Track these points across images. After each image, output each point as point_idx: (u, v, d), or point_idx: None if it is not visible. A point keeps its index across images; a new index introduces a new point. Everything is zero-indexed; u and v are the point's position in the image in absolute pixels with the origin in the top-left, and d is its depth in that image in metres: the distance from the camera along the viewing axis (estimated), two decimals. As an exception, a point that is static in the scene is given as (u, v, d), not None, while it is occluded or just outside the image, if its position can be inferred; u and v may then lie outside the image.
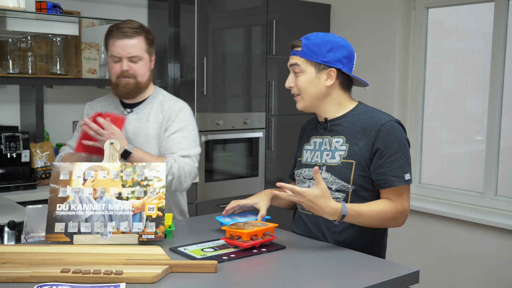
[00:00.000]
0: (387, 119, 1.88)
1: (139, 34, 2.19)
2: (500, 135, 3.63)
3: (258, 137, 4.06)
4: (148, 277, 1.46)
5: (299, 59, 1.89)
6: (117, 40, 2.17)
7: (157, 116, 2.28)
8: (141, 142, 2.25)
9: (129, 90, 2.23)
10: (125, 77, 2.20)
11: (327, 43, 1.87)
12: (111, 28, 2.21)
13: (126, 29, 2.17)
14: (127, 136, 2.25)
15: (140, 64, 2.21)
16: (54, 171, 1.83)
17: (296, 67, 1.90)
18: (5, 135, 3.09)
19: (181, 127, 2.26)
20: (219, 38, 3.85)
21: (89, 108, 2.40)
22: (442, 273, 3.79)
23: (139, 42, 2.20)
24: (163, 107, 2.29)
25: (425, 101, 4.09)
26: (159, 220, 1.77)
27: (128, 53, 2.18)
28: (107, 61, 2.27)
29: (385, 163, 1.83)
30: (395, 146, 1.84)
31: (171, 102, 2.32)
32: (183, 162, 2.19)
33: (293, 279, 1.52)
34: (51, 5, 2.44)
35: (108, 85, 3.53)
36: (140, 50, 2.20)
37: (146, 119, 2.28)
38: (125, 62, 2.18)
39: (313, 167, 1.94)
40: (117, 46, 2.17)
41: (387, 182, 1.84)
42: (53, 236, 1.74)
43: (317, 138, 1.99)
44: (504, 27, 3.57)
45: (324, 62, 1.88)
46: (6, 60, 3.16)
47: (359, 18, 4.25)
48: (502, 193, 3.64)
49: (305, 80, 1.90)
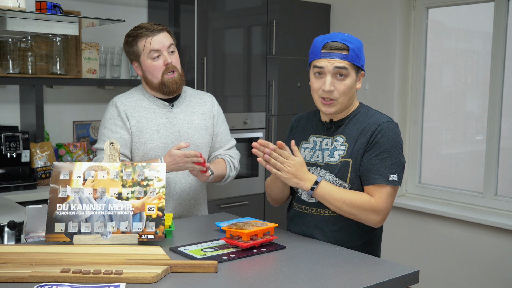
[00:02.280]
0: (385, 120, 1.89)
1: (166, 29, 2.26)
2: (500, 135, 3.63)
3: (258, 137, 4.06)
4: (148, 277, 1.46)
5: (348, 64, 1.86)
6: (152, 37, 2.20)
7: (201, 108, 2.36)
8: (192, 134, 2.29)
9: (178, 86, 2.27)
10: (168, 73, 2.23)
11: (361, 46, 1.91)
12: (138, 31, 2.22)
13: (154, 26, 2.22)
14: (177, 130, 2.28)
15: (176, 55, 2.28)
16: (54, 171, 1.83)
17: (343, 71, 1.86)
18: (5, 135, 3.09)
19: (223, 119, 2.42)
20: (219, 38, 3.85)
21: (121, 104, 2.24)
22: (442, 273, 3.79)
23: (168, 34, 2.26)
24: (202, 100, 2.38)
25: (425, 101, 4.09)
26: (159, 220, 1.77)
27: (167, 45, 2.22)
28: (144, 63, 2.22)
29: (372, 160, 1.84)
30: (386, 145, 1.84)
31: (205, 94, 2.43)
32: (235, 153, 2.41)
33: (293, 279, 1.52)
34: (51, 5, 2.44)
35: (108, 85, 3.56)
36: (173, 41, 2.27)
37: (191, 111, 2.33)
38: (166, 54, 2.22)
39: (312, 166, 1.95)
40: (154, 42, 2.20)
41: (369, 179, 1.84)
42: (53, 236, 1.74)
43: (317, 138, 1.99)
44: (504, 27, 3.57)
45: (362, 66, 1.91)
46: (6, 60, 3.16)
47: (359, 18, 4.25)
48: (502, 193, 3.64)
49: (349, 85, 1.88)
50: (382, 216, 1.84)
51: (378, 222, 1.85)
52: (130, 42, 2.24)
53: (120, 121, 2.22)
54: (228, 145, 2.40)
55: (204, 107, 2.36)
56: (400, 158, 1.86)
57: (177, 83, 2.26)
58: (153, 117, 2.25)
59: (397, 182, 1.84)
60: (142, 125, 2.22)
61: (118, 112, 2.23)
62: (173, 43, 2.26)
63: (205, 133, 2.33)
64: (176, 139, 2.25)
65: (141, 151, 2.22)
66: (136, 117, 2.23)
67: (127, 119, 2.22)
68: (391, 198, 1.85)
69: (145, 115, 2.24)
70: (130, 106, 2.25)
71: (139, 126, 2.22)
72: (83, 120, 3.73)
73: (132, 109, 2.24)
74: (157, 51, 2.20)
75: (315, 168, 1.94)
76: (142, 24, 2.26)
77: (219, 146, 2.39)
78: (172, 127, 2.27)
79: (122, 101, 2.26)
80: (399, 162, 1.86)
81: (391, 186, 1.84)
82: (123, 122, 2.22)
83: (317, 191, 1.84)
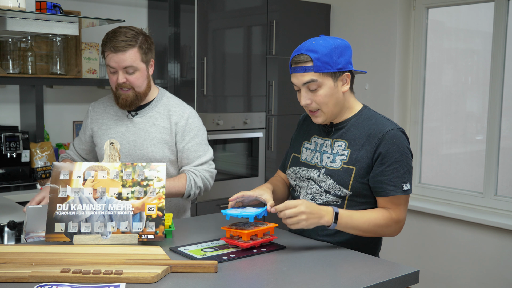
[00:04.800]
0: (391, 127, 1.85)
1: (131, 47, 2.14)
2: (500, 135, 3.63)
3: (258, 137, 4.06)
4: (148, 277, 1.46)
5: (314, 75, 1.80)
6: (112, 54, 2.14)
7: (164, 121, 2.27)
8: (146, 146, 2.24)
9: (129, 102, 2.22)
10: (123, 89, 2.19)
11: (335, 50, 1.81)
12: (106, 39, 2.17)
13: (118, 43, 2.12)
14: (133, 139, 2.26)
15: (136, 75, 2.18)
16: (54, 171, 1.83)
17: (312, 84, 1.81)
18: (5, 135, 3.09)
19: (193, 135, 2.28)
20: (219, 38, 3.85)
21: (92, 110, 2.40)
22: (442, 273, 3.79)
23: (132, 54, 2.15)
24: (170, 113, 2.28)
25: (425, 101, 4.09)
26: (159, 220, 1.77)
27: (122, 66, 2.15)
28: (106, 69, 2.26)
29: (385, 172, 1.82)
30: (396, 155, 1.82)
31: (178, 107, 2.30)
32: (203, 171, 2.28)
33: (293, 279, 1.52)
34: (51, 5, 2.44)
35: (108, 85, 3.56)
36: (134, 62, 2.15)
37: (152, 123, 2.27)
38: (121, 74, 2.16)
39: (312, 167, 1.94)
40: (111, 60, 2.15)
41: (384, 191, 1.83)
42: (53, 236, 1.74)
43: (319, 139, 1.98)
44: (504, 27, 3.57)
45: (339, 69, 1.83)
46: (6, 60, 3.16)
47: (359, 18, 4.25)
48: (502, 193, 3.64)
49: (325, 94, 1.82)
50: (401, 225, 1.87)
51: (398, 231, 1.88)
52: (102, 44, 2.21)
53: (85, 126, 2.42)
54: (196, 162, 2.27)
55: (167, 122, 2.27)
56: (410, 164, 1.86)
57: (128, 101, 2.20)
58: (114, 124, 2.31)
59: (410, 190, 1.85)
60: (102, 132, 2.32)
61: (87, 117, 2.41)
62: (132, 65, 2.15)
63: (163, 147, 2.25)
64: (131, 149, 2.26)
65: (99, 157, 2.36)
66: (99, 123, 2.34)
67: (90, 125, 2.38)
68: (407, 206, 1.88)
69: (107, 122, 2.33)
70: (97, 112, 2.37)
71: (99, 133, 2.33)
72: (83, 120, 3.73)
73: (98, 115, 2.37)
74: (113, 68, 2.17)
75: (313, 170, 1.93)
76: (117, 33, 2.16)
77: (186, 162, 2.28)
78: (129, 137, 2.26)
79: (94, 106, 2.41)
80: (410, 169, 1.85)
81: (405, 195, 1.85)
82: (86, 127, 2.40)
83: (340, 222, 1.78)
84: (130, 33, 2.16)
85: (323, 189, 1.89)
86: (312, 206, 1.75)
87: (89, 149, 2.44)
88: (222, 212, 1.83)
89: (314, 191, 1.91)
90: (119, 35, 2.14)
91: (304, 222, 1.73)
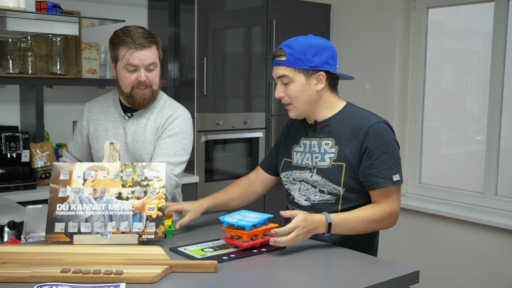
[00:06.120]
0: (375, 121, 1.86)
1: (155, 43, 2.15)
2: (500, 135, 3.63)
3: (258, 137, 4.06)
4: (148, 277, 1.46)
5: (286, 69, 1.85)
6: (136, 52, 2.09)
7: (155, 121, 2.24)
8: (139, 148, 2.23)
9: (147, 101, 2.19)
10: (140, 87, 2.16)
11: (310, 48, 1.84)
12: (124, 38, 2.11)
13: (142, 40, 2.09)
14: (127, 141, 2.25)
15: (155, 72, 2.17)
16: (54, 171, 1.83)
17: (284, 78, 1.86)
18: (5, 135, 3.09)
19: (173, 133, 2.21)
20: (219, 38, 3.85)
21: (87, 111, 2.36)
22: (442, 273, 3.79)
23: (155, 50, 2.15)
24: (162, 113, 2.25)
25: (425, 101, 4.09)
26: (159, 220, 1.77)
27: (146, 63, 2.12)
28: (118, 69, 2.18)
29: (373, 165, 1.83)
30: (382, 147, 1.83)
31: (171, 108, 2.27)
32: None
33: (293, 279, 1.52)
34: (51, 5, 2.44)
35: (108, 85, 3.56)
36: (156, 58, 2.15)
37: (144, 124, 2.25)
38: (143, 71, 2.13)
39: (303, 169, 1.95)
40: (134, 57, 2.10)
41: (375, 184, 1.84)
42: (53, 236, 1.74)
43: (306, 140, 1.98)
44: (504, 27, 3.57)
45: (312, 68, 1.84)
46: (6, 60, 3.16)
47: (359, 18, 4.25)
48: (502, 193, 3.64)
49: (296, 88, 1.86)
50: (396, 216, 1.88)
51: (394, 223, 1.89)
52: (114, 43, 2.15)
53: (80, 127, 2.36)
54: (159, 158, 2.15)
55: (156, 121, 2.23)
56: (398, 155, 1.87)
57: (146, 99, 2.17)
58: (111, 126, 2.28)
59: (401, 181, 1.86)
60: (99, 133, 2.29)
61: (82, 117, 2.36)
62: (155, 61, 2.15)
63: (153, 147, 2.23)
64: (125, 150, 2.25)
65: (95, 159, 2.32)
66: (96, 125, 2.31)
67: (87, 126, 2.33)
68: (399, 196, 1.88)
69: (104, 123, 2.29)
70: (94, 113, 2.33)
71: (96, 134, 2.30)
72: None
73: (95, 116, 2.32)
74: (134, 66, 2.12)
75: (305, 171, 1.94)
76: (132, 31, 2.12)
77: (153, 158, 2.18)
78: (124, 138, 2.25)
79: (89, 107, 2.36)
80: (398, 160, 1.86)
81: (396, 186, 1.86)
82: (82, 129, 2.35)
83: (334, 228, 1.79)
84: (146, 30, 2.16)
85: (318, 189, 1.91)
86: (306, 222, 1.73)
87: (88, 151, 2.40)
88: (220, 219, 1.85)
89: (308, 192, 1.93)
90: (138, 32, 2.12)
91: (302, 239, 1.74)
